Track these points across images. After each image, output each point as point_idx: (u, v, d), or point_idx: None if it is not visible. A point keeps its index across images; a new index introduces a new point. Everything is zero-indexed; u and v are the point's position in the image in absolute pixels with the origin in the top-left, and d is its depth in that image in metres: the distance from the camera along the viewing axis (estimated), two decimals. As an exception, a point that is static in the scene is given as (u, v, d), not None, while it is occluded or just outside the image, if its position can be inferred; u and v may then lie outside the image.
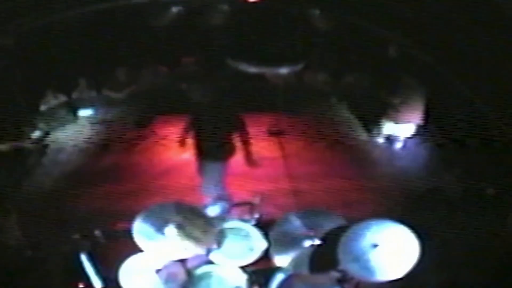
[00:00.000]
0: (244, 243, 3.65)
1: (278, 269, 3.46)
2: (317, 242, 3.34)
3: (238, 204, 4.38)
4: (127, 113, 6.77)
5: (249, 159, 4.72)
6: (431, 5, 5.44)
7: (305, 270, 3.27)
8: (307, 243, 3.35)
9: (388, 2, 5.61)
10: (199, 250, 3.34)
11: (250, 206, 4.09)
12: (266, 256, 3.51)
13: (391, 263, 3.02)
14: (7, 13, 5.33)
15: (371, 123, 6.19)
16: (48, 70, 6.10)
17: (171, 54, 7.13)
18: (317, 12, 6.75)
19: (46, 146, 6.08)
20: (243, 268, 3.51)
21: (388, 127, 5.91)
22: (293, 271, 3.36)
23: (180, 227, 3.35)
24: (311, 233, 3.40)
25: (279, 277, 3.45)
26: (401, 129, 5.84)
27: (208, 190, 4.76)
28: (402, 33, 6.25)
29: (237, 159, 5.05)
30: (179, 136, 4.89)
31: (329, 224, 3.45)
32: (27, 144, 5.92)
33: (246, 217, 3.95)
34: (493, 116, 5.28)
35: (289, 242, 3.43)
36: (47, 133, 6.22)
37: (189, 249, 3.31)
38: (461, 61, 5.48)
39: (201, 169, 4.83)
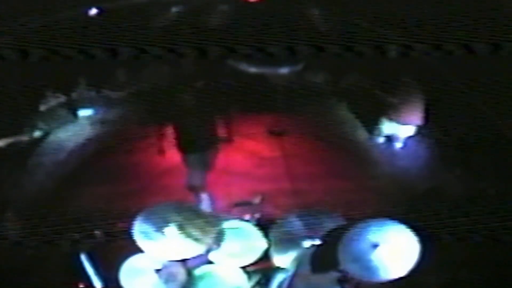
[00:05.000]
0: (244, 243, 3.64)
1: (278, 269, 3.46)
2: (317, 242, 3.34)
3: (238, 204, 4.37)
4: (127, 113, 6.78)
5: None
6: (431, 5, 5.44)
7: (305, 270, 3.27)
8: (307, 243, 3.35)
9: (388, 2, 5.61)
10: (199, 250, 3.34)
11: (250, 206, 4.09)
12: (266, 256, 3.51)
13: (392, 263, 3.02)
14: (7, 13, 5.33)
15: (371, 123, 6.19)
16: (48, 70, 6.09)
17: (171, 54, 7.12)
18: (317, 12, 6.75)
19: (46, 146, 6.08)
20: (243, 268, 3.51)
21: (388, 127, 5.91)
22: (293, 271, 3.36)
23: (180, 227, 3.35)
24: (311, 233, 3.40)
25: (279, 277, 3.45)
26: (401, 129, 5.84)
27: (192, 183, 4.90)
28: (402, 33, 6.25)
29: (237, 159, 5.06)
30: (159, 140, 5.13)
31: (329, 224, 3.45)
32: (27, 144, 5.92)
33: (246, 217, 3.95)
34: (493, 116, 5.29)
35: (289, 242, 3.43)
36: (47, 133, 6.22)
37: (189, 249, 3.31)
38: (461, 61, 5.48)
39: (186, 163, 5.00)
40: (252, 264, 3.52)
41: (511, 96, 5.00)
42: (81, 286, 3.56)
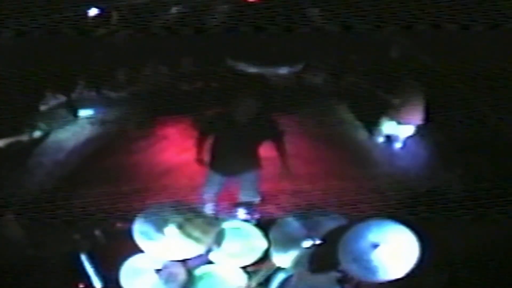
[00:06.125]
0: (244, 243, 3.64)
1: (278, 269, 3.46)
2: (317, 242, 3.34)
3: (238, 204, 4.37)
4: (127, 113, 6.79)
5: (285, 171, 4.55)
6: (431, 5, 5.45)
7: (305, 270, 3.27)
8: (307, 243, 3.35)
9: (388, 2, 5.62)
10: (199, 250, 3.34)
11: (250, 206, 4.09)
12: (266, 256, 3.51)
13: (391, 263, 3.02)
14: (7, 13, 5.33)
15: (371, 123, 6.20)
16: (47, 70, 6.10)
17: (171, 54, 7.15)
18: (317, 12, 6.76)
19: (46, 146, 6.08)
20: (243, 268, 3.51)
21: (388, 127, 5.92)
22: (293, 271, 3.36)
23: (180, 227, 3.35)
24: (311, 233, 3.39)
25: (279, 277, 3.45)
26: (401, 129, 5.85)
27: (245, 198, 4.60)
28: (401, 34, 6.26)
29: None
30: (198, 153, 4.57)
31: (329, 224, 3.44)
32: (27, 144, 5.93)
33: (246, 217, 3.95)
34: (493, 116, 5.30)
35: (289, 242, 3.43)
36: (47, 133, 6.23)
37: (189, 249, 3.31)
38: (461, 62, 5.49)
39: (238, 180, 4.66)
40: (252, 264, 3.52)
41: (511, 96, 5.01)
42: (81, 286, 3.56)
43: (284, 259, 3.39)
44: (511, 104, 5.10)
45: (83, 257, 3.59)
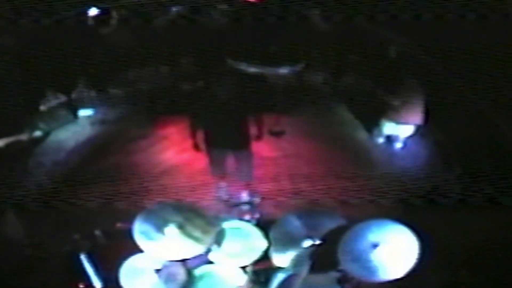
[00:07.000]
0: (244, 243, 3.64)
1: (278, 269, 3.46)
2: (317, 242, 3.34)
3: (238, 204, 4.37)
4: (127, 113, 6.79)
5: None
6: (431, 5, 5.45)
7: (305, 270, 3.27)
8: (307, 243, 3.35)
9: (388, 2, 5.63)
10: (199, 250, 3.34)
11: (250, 206, 4.09)
12: (266, 256, 3.51)
13: (391, 263, 3.02)
14: (8, 13, 5.33)
15: (371, 123, 6.19)
16: (48, 70, 6.10)
17: (171, 54, 7.14)
18: (317, 12, 6.76)
19: (46, 146, 6.08)
20: (243, 268, 3.51)
21: (388, 127, 5.91)
22: (293, 271, 3.36)
23: (180, 227, 3.35)
24: (311, 233, 3.40)
25: (279, 277, 3.45)
26: (401, 129, 5.84)
27: (241, 178, 4.94)
28: (402, 33, 6.26)
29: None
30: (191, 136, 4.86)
31: (329, 224, 3.44)
32: (27, 144, 5.92)
33: (246, 217, 3.95)
34: (493, 116, 5.29)
35: (289, 242, 3.43)
36: (47, 133, 6.23)
37: (189, 249, 3.31)
38: (461, 61, 5.49)
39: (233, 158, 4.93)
40: (252, 264, 3.52)
41: (511, 96, 5.00)
42: (81, 286, 3.56)
43: (284, 259, 3.39)
44: (511, 104, 5.10)
45: (83, 257, 3.59)
